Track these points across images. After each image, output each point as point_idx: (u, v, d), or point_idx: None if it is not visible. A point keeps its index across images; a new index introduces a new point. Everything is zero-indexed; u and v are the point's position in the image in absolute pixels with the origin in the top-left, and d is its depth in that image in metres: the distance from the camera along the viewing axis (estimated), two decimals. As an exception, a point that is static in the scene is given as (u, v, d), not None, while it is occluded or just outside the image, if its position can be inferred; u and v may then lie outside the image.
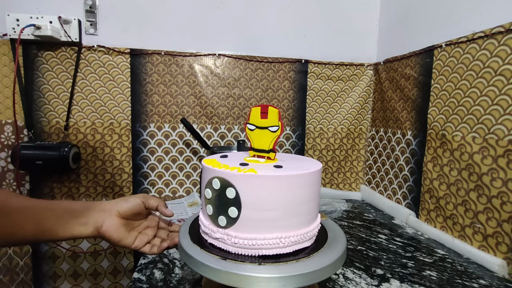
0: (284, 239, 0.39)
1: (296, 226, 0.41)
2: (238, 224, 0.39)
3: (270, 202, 0.39)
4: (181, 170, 1.07)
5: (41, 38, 0.89)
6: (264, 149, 0.48)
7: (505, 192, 0.63)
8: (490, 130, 0.66)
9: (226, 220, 0.40)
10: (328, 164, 1.17)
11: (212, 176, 0.41)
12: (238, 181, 0.38)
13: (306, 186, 0.41)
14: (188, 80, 1.04)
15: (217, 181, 0.40)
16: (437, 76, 0.82)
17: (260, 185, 0.38)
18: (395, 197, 1.00)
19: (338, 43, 1.13)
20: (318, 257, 0.40)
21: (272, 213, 0.39)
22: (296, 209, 0.40)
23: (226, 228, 0.40)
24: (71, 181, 1.00)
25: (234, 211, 0.39)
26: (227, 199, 0.39)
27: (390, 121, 1.03)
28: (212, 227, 0.42)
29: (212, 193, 0.41)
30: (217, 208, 0.41)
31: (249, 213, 0.39)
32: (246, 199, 0.38)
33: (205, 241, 0.43)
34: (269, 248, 0.39)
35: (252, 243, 0.39)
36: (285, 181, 0.39)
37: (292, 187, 0.39)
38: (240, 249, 0.40)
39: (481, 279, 0.60)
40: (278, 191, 0.39)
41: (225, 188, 0.39)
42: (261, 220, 0.39)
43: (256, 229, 0.39)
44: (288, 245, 0.40)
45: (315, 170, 0.42)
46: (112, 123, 1.01)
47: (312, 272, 0.37)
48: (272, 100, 1.10)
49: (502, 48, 0.64)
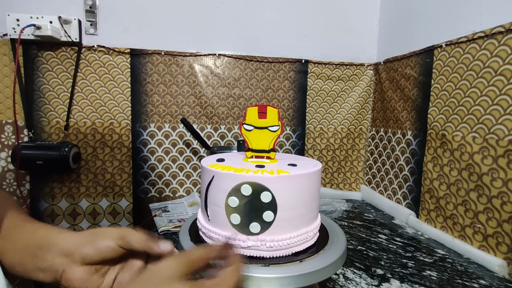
0: (309, 232, 0.42)
1: (311, 220, 0.43)
2: (275, 227, 0.39)
3: (302, 200, 0.41)
4: (181, 170, 1.07)
5: (41, 38, 0.89)
6: (264, 149, 0.48)
7: (505, 192, 0.62)
8: (490, 130, 0.66)
9: (261, 225, 0.39)
10: (328, 164, 1.17)
11: (240, 182, 0.38)
12: (273, 184, 0.38)
13: (313, 185, 0.43)
14: (188, 80, 1.04)
15: (248, 187, 0.38)
16: (437, 76, 0.82)
17: (294, 185, 0.40)
18: (395, 197, 1.00)
19: (338, 43, 1.13)
20: (318, 257, 0.40)
21: (300, 211, 0.41)
22: (315, 203, 0.44)
23: (260, 234, 0.39)
24: (72, 181, 1.00)
25: (270, 215, 0.38)
26: (262, 204, 0.38)
27: (390, 121, 1.03)
28: (240, 237, 0.39)
29: (241, 200, 0.39)
30: (249, 215, 0.39)
31: (285, 214, 0.39)
32: (281, 200, 0.39)
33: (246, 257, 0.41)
34: (300, 244, 0.41)
35: (288, 243, 0.40)
36: (308, 178, 0.41)
37: (307, 185, 0.42)
38: (276, 251, 0.39)
39: (481, 279, 0.60)
40: (304, 189, 0.41)
41: (259, 193, 0.38)
42: (293, 219, 0.40)
43: (290, 229, 0.40)
44: (311, 238, 0.42)
45: (317, 170, 0.43)
46: (112, 123, 1.01)
47: (312, 272, 0.37)
48: (272, 100, 1.10)
49: (502, 48, 0.64)
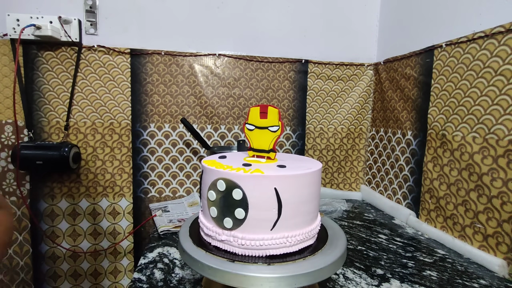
0: (291, 238, 0.39)
1: (300, 225, 0.41)
2: (246, 225, 0.39)
3: (276, 202, 0.39)
4: (181, 170, 1.07)
5: (41, 38, 0.89)
6: (264, 149, 0.48)
7: (505, 192, 0.62)
8: (490, 130, 0.66)
9: (232, 221, 0.39)
10: (328, 164, 1.17)
11: (216, 177, 0.40)
12: (245, 182, 0.38)
13: (309, 186, 0.41)
14: (188, 80, 1.04)
15: (222, 183, 0.39)
16: (437, 76, 0.82)
17: (267, 185, 0.38)
18: (395, 197, 1.00)
19: (338, 43, 1.13)
20: (318, 257, 0.40)
21: (276, 213, 0.39)
22: (299, 208, 0.40)
23: (233, 230, 0.40)
24: (71, 181, 1.00)
25: (241, 212, 0.39)
26: (233, 201, 0.39)
27: (390, 121, 1.03)
28: (216, 230, 0.41)
29: (217, 195, 0.40)
30: (223, 210, 0.40)
31: (257, 213, 0.38)
32: (253, 199, 0.38)
33: (208, 244, 0.43)
34: (276, 248, 0.39)
35: (259, 244, 0.39)
36: (290, 180, 0.39)
37: (296, 186, 0.40)
38: (248, 250, 0.39)
39: (482, 279, 0.60)
40: (283, 191, 0.39)
41: (231, 190, 0.39)
42: (268, 220, 0.39)
43: (263, 230, 0.39)
44: (293, 244, 0.40)
45: (316, 170, 0.42)
46: (112, 123, 1.01)
47: (312, 272, 0.37)
48: (272, 100, 1.10)
49: (502, 48, 0.64)
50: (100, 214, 1.03)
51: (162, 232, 0.79)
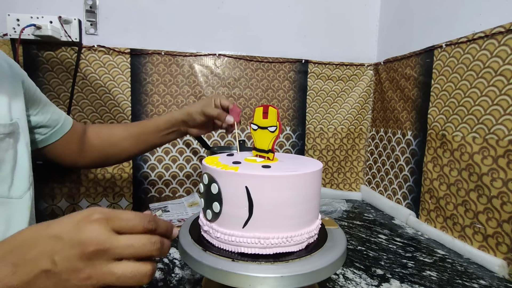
0: (264, 240, 0.38)
1: (276, 228, 0.39)
2: (221, 219, 0.41)
3: (247, 200, 0.38)
4: (181, 170, 1.07)
5: (41, 38, 0.89)
6: (264, 149, 0.48)
7: (505, 192, 0.62)
8: (490, 130, 0.66)
9: (212, 214, 0.42)
10: (328, 164, 1.17)
11: (204, 171, 0.43)
12: (220, 177, 0.40)
13: (290, 189, 0.39)
14: (188, 80, 1.04)
15: (205, 177, 0.42)
16: (437, 76, 0.82)
17: (238, 182, 0.39)
18: (395, 197, 1.00)
19: (338, 43, 1.13)
20: (318, 257, 0.40)
21: (247, 211, 0.39)
22: (276, 211, 0.39)
23: (212, 222, 0.42)
24: (72, 181, 1.00)
25: (217, 206, 0.40)
26: (211, 194, 0.41)
27: (390, 121, 1.03)
28: (203, 220, 0.44)
29: (203, 187, 0.43)
30: (206, 202, 0.43)
31: (229, 209, 0.40)
32: (227, 195, 0.40)
33: (204, 239, 0.44)
34: (247, 247, 0.39)
35: (231, 239, 0.39)
36: (263, 181, 0.38)
37: (272, 188, 0.38)
38: (222, 243, 0.41)
39: (481, 280, 0.60)
40: (256, 191, 0.38)
41: (210, 183, 0.41)
42: (239, 217, 0.39)
43: (235, 226, 0.39)
44: (267, 247, 0.39)
45: (312, 171, 0.41)
46: (112, 123, 1.01)
47: (312, 272, 0.37)
48: (272, 100, 1.10)
49: (502, 48, 0.64)
50: (100, 214, 1.03)
51: (162, 232, 0.79)
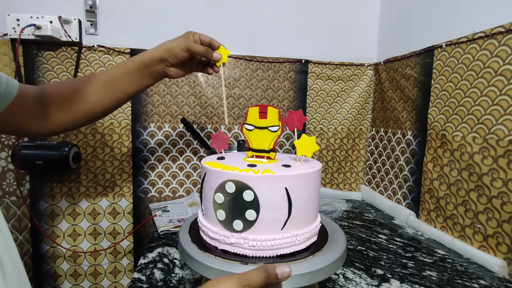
0: (299, 236, 0.40)
1: (306, 223, 0.42)
2: (257, 226, 0.39)
3: (287, 201, 0.39)
4: (181, 170, 1.07)
5: (41, 38, 0.89)
6: (264, 149, 0.48)
7: (505, 193, 0.62)
8: (491, 130, 0.66)
9: (243, 223, 0.39)
10: (328, 164, 1.17)
11: (224, 179, 0.39)
12: (256, 183, 0.38)
13: (314, 184, 0.42)
14: (188, 80, 1.04)
15: (231, 185, 0.38)
16: (437, 76, 0.82)
17: (278, 185, 0.39)
18: (395, 197, 1.00)
19: (338, 43, 1.13)
20: (318, 257, 0.40)
21: (287, 212, 0.39)
22: (306, 206, 0.41)
23: (243, 232, 0.39)
24: (71, 181, 1.00)
25: (252, 214, 0.38)
26: (244, 202, 0.38)
27: (390, 121, 1.03)
28: (225, 233, 0.40)
29: (225, 197, 0.39)
30: (232, 213, 0.39)
31: (267, 214, 0.38)
32: (265, 200, 0.38)
33: (215, 248, 0.42)
34: (286, 247, 0.40)
35: (271, 244, 0.39)
36: (298, 179, 0.40)
37: (303, 185, 0.41)
38: (259, 251, 0.39)
39: (481, 280, 0.60)
40: (293, 190, 0.39)
41: (241, 191, 0.38)
42: (278, 220, 0.39)
43: (274, 230, 0.39)
44: (302, 242, 0.41)
45: (318, 169, 0.43)
46: (112, 123, 1.01)
47: (312, 272, 0.37)
48: (272, 100, 1.10)
49: (502, 48, 0.64)
50: (100, 214, 1.03)
51: (162, 232, 0.79)
